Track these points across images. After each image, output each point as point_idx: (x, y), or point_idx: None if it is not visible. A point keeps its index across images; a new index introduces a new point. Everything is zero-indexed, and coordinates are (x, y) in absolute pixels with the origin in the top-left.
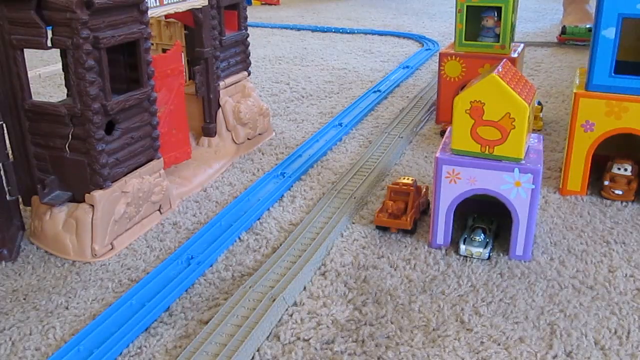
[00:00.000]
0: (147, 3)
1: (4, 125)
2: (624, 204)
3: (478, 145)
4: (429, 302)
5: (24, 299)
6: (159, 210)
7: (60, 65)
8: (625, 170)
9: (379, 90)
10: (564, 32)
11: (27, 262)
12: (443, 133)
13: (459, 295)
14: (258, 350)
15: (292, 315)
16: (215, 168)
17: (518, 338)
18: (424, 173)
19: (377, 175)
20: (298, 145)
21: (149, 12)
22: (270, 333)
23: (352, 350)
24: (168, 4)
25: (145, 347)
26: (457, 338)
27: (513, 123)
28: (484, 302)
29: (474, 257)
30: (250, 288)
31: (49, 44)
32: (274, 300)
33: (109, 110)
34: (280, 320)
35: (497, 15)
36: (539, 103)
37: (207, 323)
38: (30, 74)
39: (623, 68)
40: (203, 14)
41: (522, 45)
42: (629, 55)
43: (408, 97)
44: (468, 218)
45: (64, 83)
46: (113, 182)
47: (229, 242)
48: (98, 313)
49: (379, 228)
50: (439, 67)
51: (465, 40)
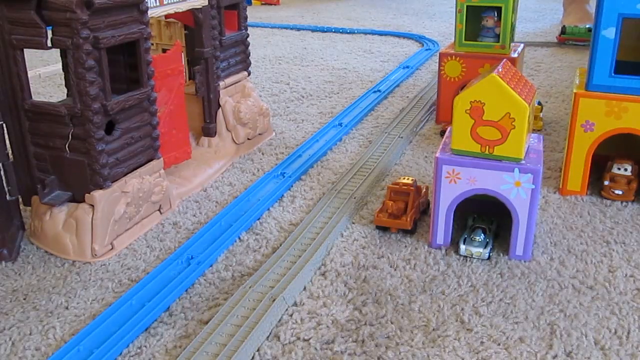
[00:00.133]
0: (147, 3)
1: (4, 125)
2: (624, 204)
3: (478, 145)
4: (429, 302)
5: (24, 299)
6: (159, 210)
7: (60, 65)
8: (625, 170)
9: (379, 90)
10: (564, 32)
11: (27, 262)
12: (443, 133)
13: (459, 295)
14: (258, 350)
15: (292, 315)
16: (215, 168)
17: (518, 338)
18: (424, 173)
19: (377, 175)
20: (298, 145)
21: (149, 12)
22: (270, 333)
23: (352, 350)
24: (168, 4)
25: (145, 347)
26: (457, 338)
27: (513, 123)
28: (484, 302)
29: (474, 257)
30: (250, 288)
31: (49, 44)
32: (274, 300)
33: (109, 110)
34: (280, 320)
35: (497, 15)
36: (539, 103)
37: (207, 323)
38: (30, 74)
39: (623, 68)
40: (203, 14)
41: (522, 45)
42: (629, 55)
43: (408, 97)
44: (468, 218)
45: (64, 83)
46: (113, 182)
47: (229, 242)
48: (98, 313)
49: (379, 228)
50: (439, 67)
51: (465, 40)
